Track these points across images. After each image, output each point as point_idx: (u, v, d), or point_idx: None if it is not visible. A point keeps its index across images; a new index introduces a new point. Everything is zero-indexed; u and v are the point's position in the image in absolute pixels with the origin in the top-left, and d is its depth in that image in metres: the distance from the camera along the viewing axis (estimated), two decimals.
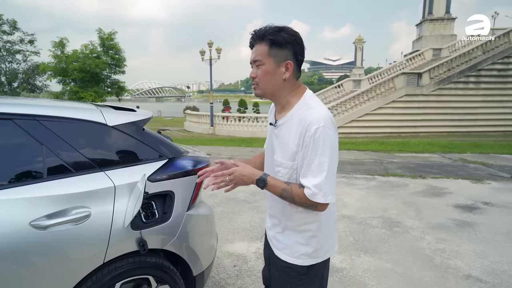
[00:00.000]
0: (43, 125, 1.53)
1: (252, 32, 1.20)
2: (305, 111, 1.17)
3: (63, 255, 1.45)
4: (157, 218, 1.72)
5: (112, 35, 21.81)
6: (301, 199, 1.16)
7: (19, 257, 1.34)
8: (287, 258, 1.32)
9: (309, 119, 1.13)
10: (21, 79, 24.05)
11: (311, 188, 1.13)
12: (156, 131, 2.39)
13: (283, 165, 1.22)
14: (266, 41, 1.16)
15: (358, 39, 28.80)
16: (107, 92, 22.55)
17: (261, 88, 1.22)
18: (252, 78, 1.22)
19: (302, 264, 1.30)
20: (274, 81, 1.20)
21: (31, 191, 1.41)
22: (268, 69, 1.18)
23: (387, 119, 16.26)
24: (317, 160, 1.12)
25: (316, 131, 1.11)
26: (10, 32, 23.11)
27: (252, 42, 1.21)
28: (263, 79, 1.19)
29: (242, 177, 1.21)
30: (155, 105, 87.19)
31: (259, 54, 1.18)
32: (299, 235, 1.29)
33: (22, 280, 1.36)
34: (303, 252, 1.29)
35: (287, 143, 1.20)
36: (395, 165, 7.21)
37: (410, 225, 3.80)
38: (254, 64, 1.20)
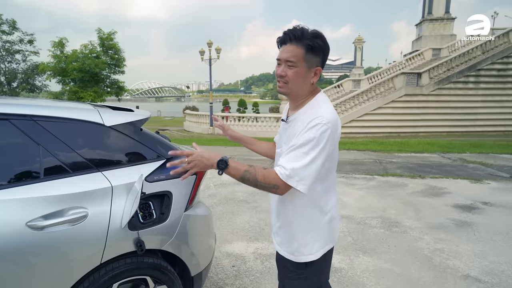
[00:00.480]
0: (40, 125, 1.53)
1: (287, 31, 1.21)
2: (313, 109, 1.23)
3: (60, 255, 1.44)
4: (155, 219, 1.72)
5: (111, 35, 21.81)
6: (265, 179, 1.16)
7: (15, 257, 1.34)
8: (284, 253, 1.38)
9: (314, 115, 1.19)
10: (21, 79, 24.03)
11: (285, 168, 1.14)
12: (155, 131, 2.39)
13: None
14: (302, 45, 1.18)
15: (358, 39, 28.82)
16: (106, 92, 22.54)
17: (290, 88, 1.24)
18: (281, 76, 1.23)
19: (297, 261, 1.34)
20: (303, 84, 1.24)
21: (28, 191, 1.41)
22: (300, 73, 1.21)
23: (387, 119, 16.27)
24: (306, 148, 1.14)
25: (317, 125, 1.15)
26: (9, 32, 23.08)
27: (285, 40, 1.21)
28: (293, 80, 1.22)
29: (202, 158, 1.20)
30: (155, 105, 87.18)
31: (294, 55, 1.19)
32: (294, 231, 1.33)
33: (19, 280, 1.35)
34: (296, 248, 1.34)
35: (293, 137, 1.24)
36: (394, 165, 7.21)
37: (409, 225, 3.80)
38: (285, 63, 1.21)
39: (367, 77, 21.87)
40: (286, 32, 1.21)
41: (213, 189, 5.29)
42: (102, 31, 21.58)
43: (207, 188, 5.30)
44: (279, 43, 1.25)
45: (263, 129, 16.44)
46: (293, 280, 1.39)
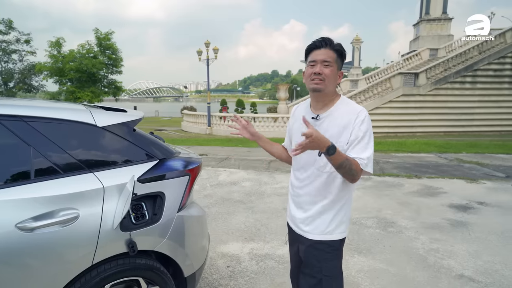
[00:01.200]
0: (31, 126, 1.52)
1: (322, 38, 1.43)
2: (349, 106, 1.47)
3: (50, 257, 1.43)
4: (147, 220, 1.71)
5: (109, 35, 21.76)
6: (356, 168, 1.35)
7: (5, 259, 1.33)
8: (320, 236, 1.50)
9: (357, 109, 1.44)
10: (17, 79, 23.94)
11: (364, 159, 1.37)
12: (149, 132, 2.39)
13: None
14: (334, 50, 1.42)
15: (356, 39, 28.88)
16: (104, 92, 22.48)
17: (326, 84, 1.42)
18: (318, 73, 1.40)
19: (336, 238, 1.50)
20: (334, 82, 1.45)
21: (18, 193, 1.40)
22: (334, 72, 1.43)
23: (384, 119, 16.30)
24: (366, 139, 1.40)
25: (366, 117, 1.42)
26: (6, 31, 22.97)
27: (322, 45, 1.42)
28: (330, 77, 1.42)
29: (318, 141, 1.22)
30: (153, 105, 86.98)
31: (330, 57, 1.41)
32: (335, 211, 1.49)
33: (8, 282, 1.34)
34: (336, 226, 1.49)
35: (332, 129, 1.43)
36: (391, 165, 7.23)
37: (404, 225, 3.80)
38: (321, 63, 1.40)
39: (364, 77, 21.92)
40: (321, 40, 1.43)
41: (209, 189, 5.29)
42: (99, 31, 21.52)
43: (203, 189, 5.30)
44: (310, 49, 1.45)
45: (260, 129, 16.42)
46: (330, 261, 1.51)
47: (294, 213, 1.62)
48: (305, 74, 1.49)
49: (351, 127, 1.40)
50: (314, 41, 1.46)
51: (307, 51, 1.47)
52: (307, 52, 1.48)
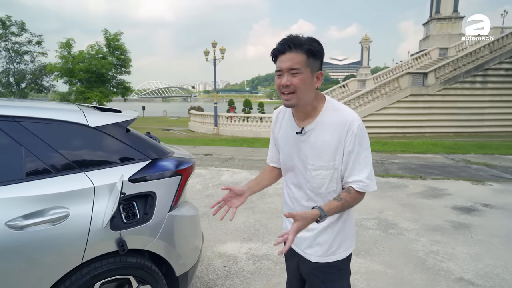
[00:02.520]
0: (23, 126, 1.55)
1: (284, 40, 1.17)
2: (337, 114, 1.24)
3: (40, 255, 1.46)
4: (138, 219, 1.73)
5: (118, 35, 22.08)
6: (355, 199, 1.24)
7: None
8: (324, 258, 1.35)
9: (348, 119, 1.22)
10: (29, 80, 24.46)
11: (364, 181, 1.23)
12: (146, 132, 2.42)
13: (324, 167, 1.26)
14: (303, 51, 1.15)
15: (365, 38, 28.64)
16: (113, 92, 22.82)
17: (299, 96, 1.19)
18: (286, 85, 1.17)
19: (341, 258, 1.36)
20: (310, 90, 1.21)
21: (9, 191, 1.43)
22: (306, 78, 1.17)
23: (392, 119, 16.13)
24: (363, 154, 1.23)
25: (359, 127, 1.21)
26: (18, 33, 23.51)
27: (284, 49, 1.16)
28: (302, 88, 1.17)
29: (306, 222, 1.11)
30: (161, 105, 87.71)
31: (297, 62, 1.15)
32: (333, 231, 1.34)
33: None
34: (339, 244, 1.35)
35: (321, 146, 1.24)
36: (396, 166, 7.15)
37: (405, 226, 3.76)
38: (288, 72, 1.16)
39: (372, 77, 21.72)
40: (283, 42, 1.17)
41: (211, 189, 5.31)
42: (108, 32, 21.86)
43: (206, 188, 5.32)
44: (275, 55, 1.21)
45: (267, 129, 16.41)
46: (337, 281, 1.39)
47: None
48: (275, 84, 1.24)
49: (343, 143, 1.22)
50: (277, 43, 1.19)
51: (272, 57, 1.22)
52: (273, 58, 1.22)
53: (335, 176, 1.27)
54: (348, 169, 1.24)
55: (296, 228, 1.08)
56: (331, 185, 1.29)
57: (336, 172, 1.26)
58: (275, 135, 1.47)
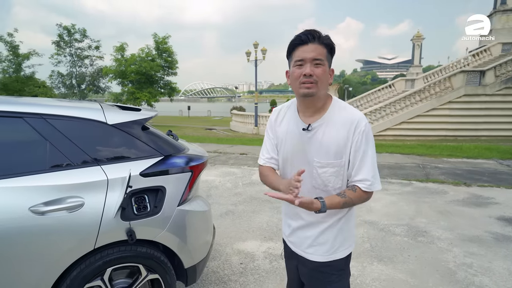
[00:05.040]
0: (49, 122, 1.73)
1: (308, 31, 1.18)
2: (344, 112, 1.26)
3: (58, 238, 1.62)
4: (148, 211, 1.85)
5: (166, 38, 23.26)
6: (360, 198, 1.25)
7: (19, 238, 1.54)
8: (325, 257, 1.35)
9: (355, 118, 1.23)
10: (88, 82, 26.67)
11: (369, 179, 1.23)
12: (168, 130, 2.56)
13: (331, 165, 1.26)
14: (324, 45, 1.19)
15: (417, 35, 27.02)
16: (160, 92, 24.06)
17: (319, 87, 1.20)
18: (309, 75, 1.17)
19: (342, 257, 1.36)
20: (326, 83, 1.23)
21: (33, 180, 1.61)
22: (326, 71, 1.21)
23: (442, 121, 15.05)
24: (369, 153, 1.24)
25: (366, 126, 1.23)
26: (80, 39, 25.78)
27: (309, 39, 1.17)
28: (323, 78, 1.19)
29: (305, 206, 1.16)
30: (206, 105, 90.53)
31: (321, 54, 1.17)
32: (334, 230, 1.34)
33: (21, 259, 1.56)
34: (341, 243, 1.35)
35: (328, 143, 1.24)
36: (439, 170, 6.67)
37: (438, 235, 3.51)
38: (311, 62, 1.17)
39: (422, 77, 20.44)
40: (306, 33, 1.18)
41: (241, 188, 5.40)
42: (157, 36, 23.10)
43: (235, 187, 5.43)
44: (294, 46, 1.21)
45: None
46: (337, 282, 1.37)
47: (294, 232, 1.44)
48: (291, 76, 1.23)
49: (350, 140, 1.22)
50: (299, 35, 1.19)
51: (291, 47, 1.22)
52: (291, 49, 1.22)
53: (341, 173, 1.27)
54: (355, 167, 1.24)
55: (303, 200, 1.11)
56: (337, 182, 1.28)
57: (343, 170, 1.27)
58: (275, 133, 1.41)
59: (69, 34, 25.02)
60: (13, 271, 1.55)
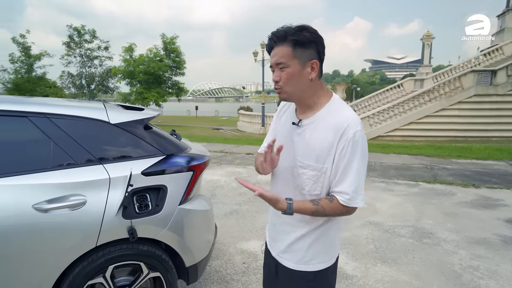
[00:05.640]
0: (53, 122, 1.76)
1: (270, 35, 1.14)
2: (337, 114, 1.16)
3: (61, 236, 1.65)
4: (150, 210, 1.86)
5: (174, 39, 23.41)
6: (335, 210, 1.15)
7: (22, 235, 1.57)
8: (294, 265, 1.27)
9: (345, 122, 1.12)
10: (97, 82, 27.01)
11: (349, 194, 1.12)
12: (171, 130, 2.57)
13: (311, 167, 1.17)
14: (288, 42, 1.11)
15: (427, 35, 26.64)
16: (168, 92, 24.22)
17: (286, 91, 1.16)
18: (276, 81, 1.16)
19: (311, 270, 1.26)
20: (300, 83, 1.15)
21: (37, 178, 1.64)
22: (294, 71, 1.13)
23: (452, 122, 14.80)
24: (355, 164, 1.12)
25: (355, 134, 1.10)
26: (90, 40, 26.11)
27: (271, 44, 1.15)
28: (288, 82, 1.14)
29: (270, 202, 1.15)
30: (214, 105, 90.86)
31: (282, 56, 1.12)
32: (308, 240, 1.25)
33: (24, 256, 1.59)
34: (314, 255, 1.25)
35: (313, 145, 1.17)
36: (447, 171, 6.57)
37: (444, 237, 3.47)
38: (276, 67, 1.15)
39: (431, 76, 20.17)
40: (269, 37, 1.15)
41: None
42: (165, 36, 23.27)
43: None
44: (268, 51, 1.18)
45: None
46: None
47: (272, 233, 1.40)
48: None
49: (335, 147, 1.12)
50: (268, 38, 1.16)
51: (268, 53, 1.19)
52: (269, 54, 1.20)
53: (321, 180, 1.17)
54: (336, 177, 1.14)
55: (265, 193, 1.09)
56: (314, 188, 1.19)
57: (323, 177, 1.16)
58: (276, 125, 1.39)
59: (79, 35, 25.39)
60: (16, 268, 1.58)
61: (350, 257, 3.02)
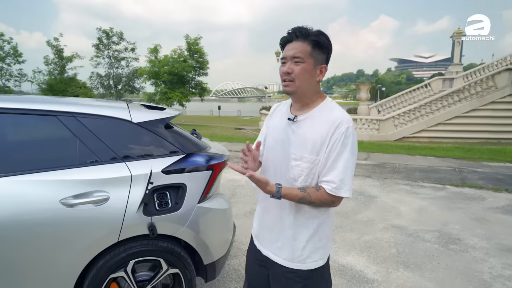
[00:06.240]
0: (79, 120, 1.84)
1: (292, 29, 1.22)
2: (331, 112, 1.24)
3: (85, 230, 1.72)
4: (170, 207, 1.90)
5: (197, 40, 23.76)
6: (321, 199, 1.20)
7: (51, 229, 1.65)
8: (290, 264, 1.29)
9: (339, 118, 1.20)
10: (124, 82, 27.87)
11: (336, 183, 1.18)
12: (192, 129, 2.61)
13: (304, 159, 1.23)
14: (309, 41, 1.19)
15: (457, 32, 25.49)
16: (191, 92, 24.60)
17: (296, 85, 1.22)
18: (287, 72, 1.22)
19: (307, 268, 1.28)
20: (309, 81, 1.23)
21: (64, 174, 1.72)
22: (308, 68, 1.21)
23: (483, 123, 14.10)
24: (344, 156, 1.19)
25: (348, 129, 1.19)
26: (117, 42, 27.00)
27: (290, 38, 1.22)
28: (300, 76, 1.21)
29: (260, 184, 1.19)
30: (236, 105, 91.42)
31: (300, 51, 1.19)
32: (302, 237, 1.27)
33: (52, 247, 1.66)
34: (307, 254, 1.28)
35: (308, 137, 1.23)
36: (477, 175, 6.27)
37: (472, 243, 3.31)
38: (291, 59, 1.21)
39: (461, 76, 19.31)
40: (291, 31, 1.22)
41: None
42: (189, 37, 23.66)
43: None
44: (283, 43, 1.25)
45: None
46: None
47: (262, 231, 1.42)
48: (280, 72, 1.28)
49: (328, 140, 1.19)
50: (287, 32, 1.24)
51: (281, 45, 1.26)
52: (281, 47, 1.27)
53: (313, 172, 1.23)
54: (325, 167, 1.20)
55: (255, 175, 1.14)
56: (307, 179, 1.24)
57: (316, 168, 1.22)
58: (268, 124, 1.46)
59: (107, 37, 26.31)
60: (45, 258, 1.66)
61: (371, 261, 2.95)
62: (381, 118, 14.65)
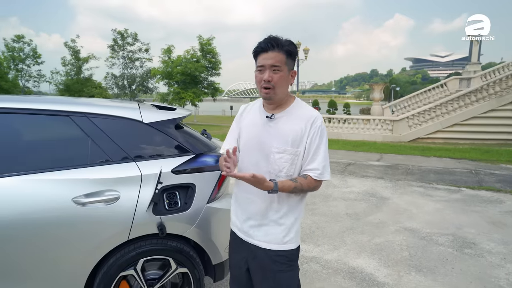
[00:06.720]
0: (91, 121, 1.87)
1: (269, 39, 1.34)
2: (304, 109, 1.44)
3: (96, 228, 1.75)
4: (179, 207, 1.92)
5: (210, 40, 23.90)
6: (309, 185, 1.38)
7: (63, 227, 1.69)
8: (280, 246, 1.43)
9: (313, 115, 1.41)
10: (138, 83, 28.27)
11: (320, 169, 1.38)
12: (203, 129, 2.63)
13: (288, 152, 1.38)
14: (283, 51, 1.33)
15: None
16: (204, 93, 24.76)
17: (277, 92, 1.36)
18: (268, 80, 1.34)
19: (291, 248, 1.44)
20: (285, 86, 1.40)
21: (76, 173, 1.76)
22: (284, 76, 1.36)
23: (502, 124, 13.67)
24: (322, 147, 1.40)
25: (322, 124, 1.41)
26: (132, 43, 27.42)
27: (268, 47, 1.33)
28: (280, 84, 1.36)
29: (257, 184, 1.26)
30: None
31: (278, 61, 1.33)
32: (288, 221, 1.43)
33: (64, 244, 1.70)
34: (293, 236, 1.45)
35: (288, 132, 1.39)
36: (494, 177, 6.09)
37: (488, 248, 3.22)
38: (269, 68, 1.33)
39: (479, 75, 18.80)
40: (266, 41, 1.34)
41: None
42: (202, 37, 23.82)
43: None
44: (257, 52, 1.37)
45: (349, 131, 15.70)
46: (287, 272, 1.45)
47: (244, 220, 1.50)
48: (256, 79, 1.40)
49: (307, 134, 1.38)
50: (260, 43, 1.34)
51: (254, 54, 1.38)
52: (254, 55, 1.38)
53: (295, 163, 1.39)
54: (308, 158, 1.38)
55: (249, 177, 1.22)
56: (290, 170, 1.39)
57: (297, 159, 1.39)
58: (240, 125, 1.55)
59: (122, 38, 26.74)
60: (58, 255, 1.70)
61: (382, 264, 2.90)
62: (395, 119, 14.40)
